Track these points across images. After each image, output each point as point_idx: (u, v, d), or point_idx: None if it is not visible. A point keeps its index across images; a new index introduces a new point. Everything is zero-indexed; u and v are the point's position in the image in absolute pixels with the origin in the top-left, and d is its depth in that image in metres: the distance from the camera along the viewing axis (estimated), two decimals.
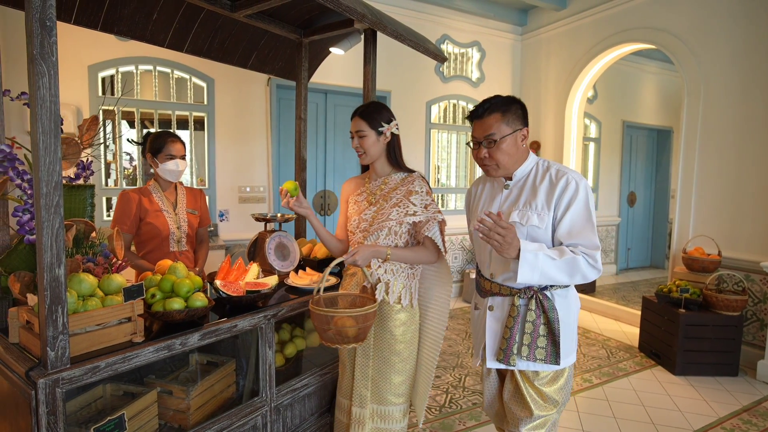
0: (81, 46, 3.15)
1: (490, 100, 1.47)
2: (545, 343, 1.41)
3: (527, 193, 1.47)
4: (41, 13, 1.08)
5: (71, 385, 1.19)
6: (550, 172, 1.45)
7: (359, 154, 1.75)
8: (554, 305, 1.42)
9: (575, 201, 1.38)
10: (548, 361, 1.42)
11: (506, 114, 1.43)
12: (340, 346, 1.50)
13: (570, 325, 1.46)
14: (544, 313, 1.41)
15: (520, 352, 1.43)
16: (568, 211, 1.38)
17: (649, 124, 6.58)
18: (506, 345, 1.43)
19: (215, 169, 3.75)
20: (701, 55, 3.59)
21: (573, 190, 1.38)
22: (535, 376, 1.46)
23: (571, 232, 1.39)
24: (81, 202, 1.62)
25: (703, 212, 3.61)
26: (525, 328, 1.42)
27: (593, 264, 1.36)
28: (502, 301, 1.50)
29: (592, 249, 1.36)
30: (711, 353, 3.16)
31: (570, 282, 1.39)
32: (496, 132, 1.43)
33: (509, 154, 1.45)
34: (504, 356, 1.44)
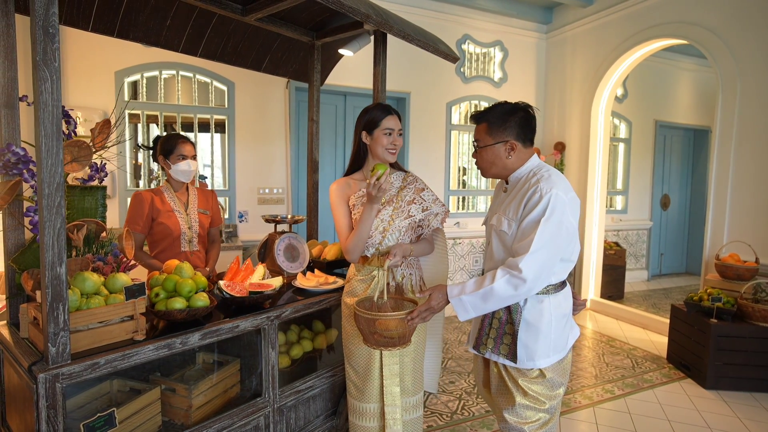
0: (109, 53, 3.28)
1: (490, 109, 1.54)
2: (510, 340, 1.49)
3: (509, 200, 1.52)
4: (44, 21, 1.12)
5: (71, 380, 1.22)
6: (530, 181, 1.47)
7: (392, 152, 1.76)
8: (520, 309, 1.46)
9: (533, 210, 1.38)
10: (509, 357, 1.48)
11: (492, 126, 1.50)
12: (386, 349, 1.53)
13: (540, 330, 1.45)
14: (509, 314, 1.48)
15: (486, 343, 1.52)
16: (524, 218, 1.40)
17: (685, 124, 6.26)
18: (478, 334, 1.55)
19: (235, 171, 3.82)
20: (737, 50, 3.38)
21: (535, 200, 1.38)
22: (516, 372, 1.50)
23: (520, 236, 1.41)
24: (93, 202, 1.68)
25: (739, 216, 3.39)
26: (492, 323, 1.51)
27: (516, 275, 1.33)
28: None
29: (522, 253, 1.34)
30: (746, 367, 2.96)
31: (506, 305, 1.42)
32: (480, 140, 1.53)
33: (490, 162, 1.52)
34: (476, 344, 1.56)
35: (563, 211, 1.36)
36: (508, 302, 1.40)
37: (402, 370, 1.74)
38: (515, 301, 1.41)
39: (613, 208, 5.90)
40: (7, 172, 1.44)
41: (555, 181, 1.40)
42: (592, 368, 3.30)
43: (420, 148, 4.64)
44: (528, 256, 1.32)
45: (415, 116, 4.58)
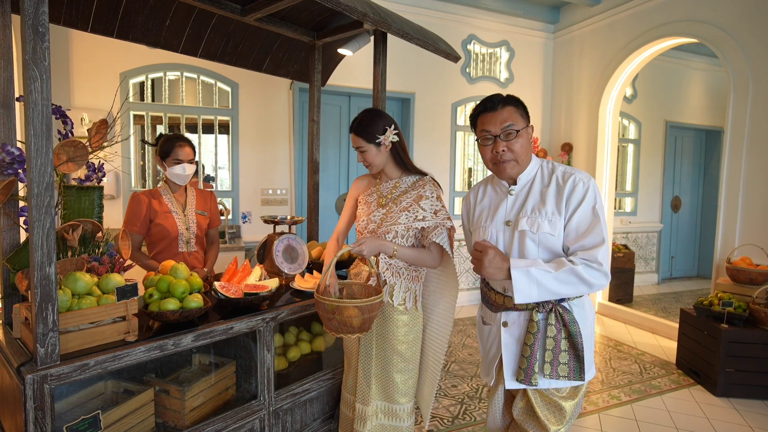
0: (114, 54, 3.31)
1: (499, 95, 1.40)
2: (567, 358, 1.33)
3: (534, 199, 1.38)
4: (34, 19, 1.12)
5: (60, 381, 1.21)
6: (556, 174, 1.38)
7: (366, 166, 1.76)
8: (574, 317, 1.33)
9: (584, 201, 1.32)
10: (572, 377, 1.33)
11: (518, 108, 1.38)
12: (344, 335, 1.51)
13: (588, 337, 1.38)
14: (564, 327, 1.33)
15: (542, 370, 1.34)
16: (576, 212, 1.32)
17: (696, 125, 6.15)
18: (527, 364, 1.34)
19: (239, 172, 3.83)
20: (749, 48, 3.30)
21: (581, 191, 1.32)
22: (553, 392, 1.38)
23: (578, 232, 1.32)
24: (89, 203, 1.68)
25: (751, 219, 3.31)
26: (546, 344, 1.33)
27: (597, 268, 1.26)
28: (518, 316, 1.40)
29: (596, 246, 1.27)
30: (759, 374, 2.87)
31: (575, 293, 1.29)
32: (514, 123, 1.35)
33: (527, 149, 1.39)
34: (525, 376, 1.34)
35: (601, 200, 1.35)
36: (579, 291, 1.28)
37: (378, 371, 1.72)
38: (582, 293, 1.30)
39: (622, 210, 5.80)
40: (1, 171, 1.44)
41: (581, 170, 1.38)
42: (599, 373, 3.23)
43: (424, 149, 4.61)
44: (603, 249, 1.25)
45: (420, 117, 4.55)
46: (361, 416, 1.73)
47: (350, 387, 1.81)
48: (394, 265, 1.71)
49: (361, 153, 1.73)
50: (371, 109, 1.79)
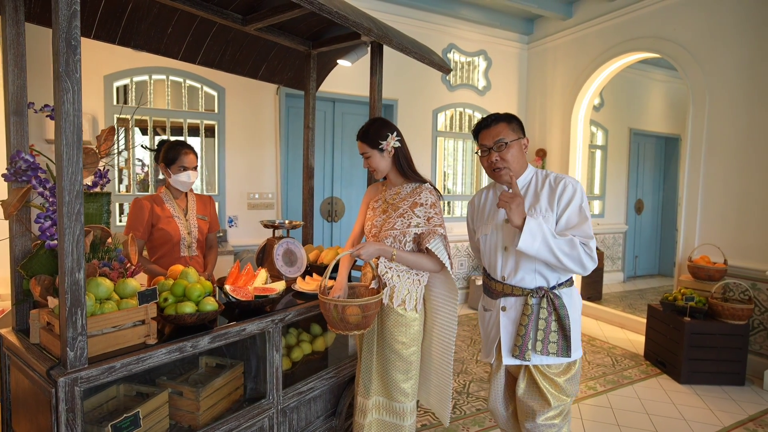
0: (97, 57, 3.26)
1: (494, 115, 1.66)
2: (557, 338, 1.55)
3: (530, 199, 1.61)
4: (67, 33, 1.16)
5: (89, 384, 1.25)
6: (549, 178, 1.62)
7: (371, 171, 1.87)
8: (563, 302, 1.56)
9: (572, 201, 1.54)
10: (560, 353, 1.54)
11: (510, 123, 1.64)
12: (345, 332, 1.64)
13: (576, 321, 1.59)
14: (555, 311, 1.55)
15: (534, 347, 1.56)
16: (566, 209, 1.54)
17: (657, 132, 6.57)
18: (521, 342, 1.56)
19: (225, 176, 3.83)
20: (706, 65, 3.61)
21: (570, 192, 1.55)
22: (548, 369, 1.58)
23: (568, 225, 1.54)
24: (98, 208, 1.69)
25: (709, 220, 3.61)
26: (538, 325, 1.55)
27: (588, 252, 1.48)
28: (515, 301, 1.63)
29: (586, 238, 1.49)
30: (717, 362, 3.15)
31: (566, 262, 1.48)
32: (504, 137, 1.60)
33: (516, 157, 1.61)
34: (519, 352, 1.57)
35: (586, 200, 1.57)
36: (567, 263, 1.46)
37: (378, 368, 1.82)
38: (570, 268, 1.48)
39: (592, 213, 6.12)
40: (17, 179, 1.45)
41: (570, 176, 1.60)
42: None
43: None
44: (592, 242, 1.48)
45: (403, 123, 4.68)
46: (362, 409, 1.83)
47: (358, 380, 1.90)
48: (395, 268, 1.79)
49: (366, 159, 1.84)
50: (377, 118, 1.90)
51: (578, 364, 1.63)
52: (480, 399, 2.88)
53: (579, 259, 1.47)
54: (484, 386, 3.06)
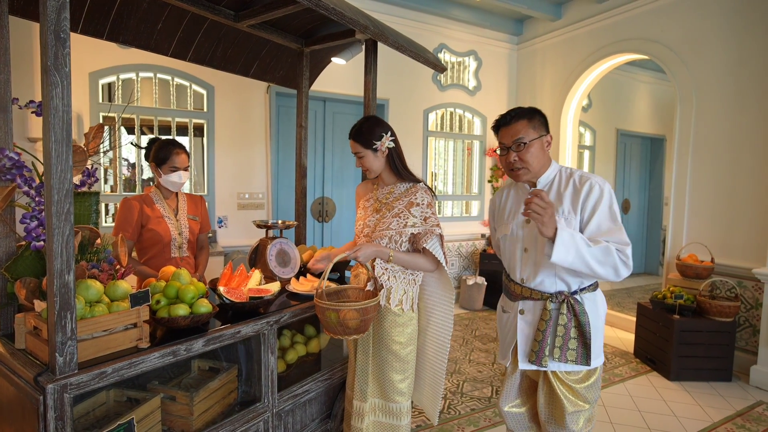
0: (82, 53, 3.18)
1: (515, 110, 1.56)
2: (576, 345, 1.47)
3: (553, 199, 1.51)
4: (56, 26, 1.11)
5: (79, 390, 1.20)
6: (574, 178, 1.51)
7: (364, 171, 1.84)
8: (585, 309, 1.47)
9: (600, 204, 1.43)
10: (579, 362, 1.47)
11: (532, 120, 1.53)
12: (343, 337, 1.59)
13: (599, 328, 1.51)
14: (575, 317, 1.47)
15: (552, 353, 1.49)
16: (594, 213, 1.44)
17: (643, 132, 6.68)
18: (538, 347, 1.49)
19: (214, 176, 3.77)
20: (693, 66, 3.67)
21: (597, 194, 1.44)
22: (567, 376, 1.52)
23: (600, 231, 1.43)
24: (86, 208, 1.64)
25: (697, 220, 3.67)
26: (557, 331, 1.47)
27: (624, 259, 1.39)
28: (534, 305, 1.57)
29: (623, 245, 1.40)
30: (705, 359, 3.20)
31: (600, 271, 1.38)
32: (524, 135, 1.50)
33: (537, 157, 1.52)
34: (536, 358, 1.50)
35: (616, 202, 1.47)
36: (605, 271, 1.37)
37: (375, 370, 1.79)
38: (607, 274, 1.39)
39: None
40: (0, 177, 1.39)
41: (597, 176, 1.50)
42: None
43: None
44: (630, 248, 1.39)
45: (394, 122, 4.66)
46: (359, 412, 1.80)
47: (351, 383, 1.87)
48: (390, 269, 1.77)
49: (359, 158, 1.80)
50: (370, 116, 1.86)
51: (599, 371, 1.55)
52: (474, 399, 2.88)
53: (614, 267, 1.38)
54: (478, 386, 3.06)
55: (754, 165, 3.32)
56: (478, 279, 4.80)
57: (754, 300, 3.33)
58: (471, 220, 5.36)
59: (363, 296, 1.77)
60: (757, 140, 3.30)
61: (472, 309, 4.86)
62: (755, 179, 3.32)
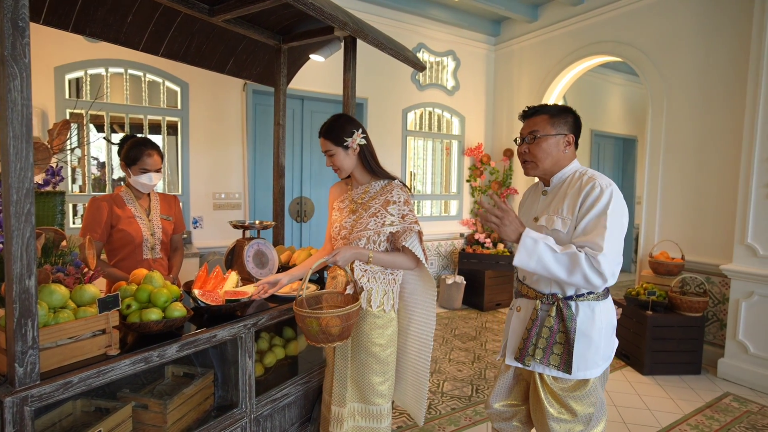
0: (47, 46, 3.03)
1: (544, 105, 1.55)
2: (561, 350, 1.42)
3: (557, 199, 1.50)
4: (13, 13, 1.04)
5: (41, 402, 1.13)
6: (582, 178, 1.46)
7: (334, 170, 1.79)
8: (574, 316, 1.42)
9: (596, 205, 1.38)
10: (561, 368, 1.42)
11: (554, 117, 1.50)
12: (325, 345, 1.55)
13: (592, 338, 1.43)
14: (562, 322, 1.42)
15: (534, 354, 1.45)
16: (587, 214, 1.39)
17: (615, 133, 6.85)
18: (523, 345, 1.48)
19: (189, 175, 3.66)
20: (664, 69, 3.78)
21: (596, 195, 1.39)
22: (554, 382, 1.48)
23: (584, 232, 1.38)
24: (50, 209, 1.56)
25: (668, 218, 3.78)
26: (542, 332, 1.45)
27: (596, 267, 1.31)
28: (528, 303, 1.56)
29: (595, 250, 1.32)
30: (676, 353, 3.30)
31: (568, 279, 1.35)
32: (539, 129, 1.49)
33: (548, 153, 1.49)
34: (520, 355, 1.49)
35: (623, 207, 1.38)
36: (572, 280, 1.33)
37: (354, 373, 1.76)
38: (577, 284, 1.34)
39: None
40: None
41: (608, 179, 1.44)
42: None
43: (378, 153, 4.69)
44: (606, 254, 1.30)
45: (373, 122, 4.64)
46: (337, 418, 1.76)
47: (328, 388, 1.83)
48: (370, 271, 1.74)
49: (329, 157, 1.76)
50: (340, 114, 1.80)
51: (591, 384, 1.45)
52: (455, 398, 2.88)
53: (583, 276, 1.31)
54: (458, 385, 3.07)
55: (721, 165, 3.44)
56: (457, 278, 4.82)
57: (722, 295, 3.45)
58: (450, 219, 5.38)
59: (343, 301, 1.74)
60: (723, 141, 3.42)
61: (451, 308, 4.88)
62: (722, 179, 3.44)
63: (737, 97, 3.32)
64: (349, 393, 1.76)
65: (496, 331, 4.21)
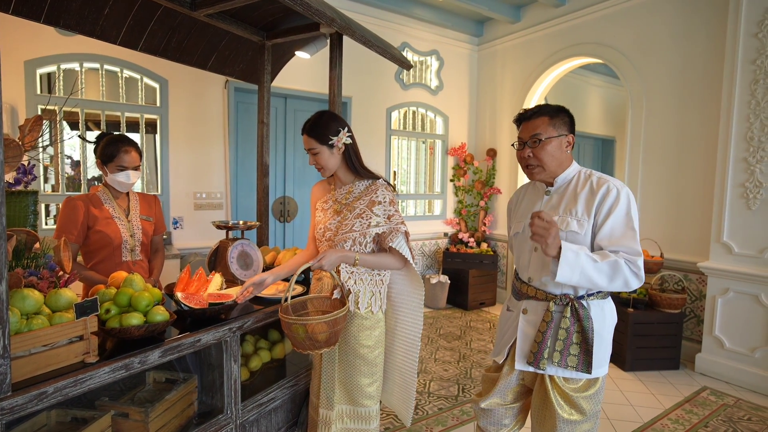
0: (17, 39, 2.90)
1: (540, 106, 1.52)
2: (578, 350, 1.41)
3: (567, 200, 1.48)
4: None
5: (13, 415, 1.07)
6: (592, 179, 1.46)
7: (318, 169, 1.74)
8: (590, 314, 1.42)
9: (616, 208, 1.38)
10: (580, 369, 1.41)
11: (554, 118, 1.48)
12: (313, 351, 1.51)
13: (604, 337, 1.45)
14: (578, 322, 1.41)
15: (551, 357, 1.43)
16: (608, 217, 1.38)
17: (595, 134, 6.99)
18: (537, 349, 1.44)
19: (168, 175, 3.56)
20: (643, 71, 3.86)
21: (614, 198, 1.39)
22: (565, 383, 1.46)
23: (612, 237, 1.38)
24: (22, 209, 1.48)
25: (648, 217, 3.86)
26: (558, 334, 1.42)
27: (635, 271, 1.34)
28: (537, 305, 1.51)
29: (633, 255, 1.35)
30: (656, 349, 3.37)
31: (609, 287, 1.36)
32: (542, 132, 1.46)
33: (553, 155, 1.47)
34: (534, 359, 1.44)
35: (635, 207, 1.41)
36: (614, 285, 1.34)
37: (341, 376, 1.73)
38: (616, 288, 1.35)
39: None
40: None
41: (619, 180, 1.44)
42: None
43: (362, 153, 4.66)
44: (642, 257, 1.34)
45: (357, 120, 4.61)
46: (325, 421, 1.73)
47: (316, 390, 1.80)
48: (356, 273, 1.71)
49: (313, 155, 1.70)
50: (325, 111, 1.75)
51: (601, 381, 1.47)
52: (441, 398, 2.88)
53: (624, 281, 1.33)
54: (444, 385, 3.06)
55: (698, 165, 3.53)
56: (441, 278, 4.83)
57: (698, 292, 3.54)
58: (434, 219, 5.39)
59: (329, 305, 1.70)
60: (700, 141, 3.52)
61: (435, 307, 4.89)
62: (699, 179, 3.53)
63: (713, 99, 3.41)
64: (337, 395, 1.73)
65: (481, 330, 4.24)
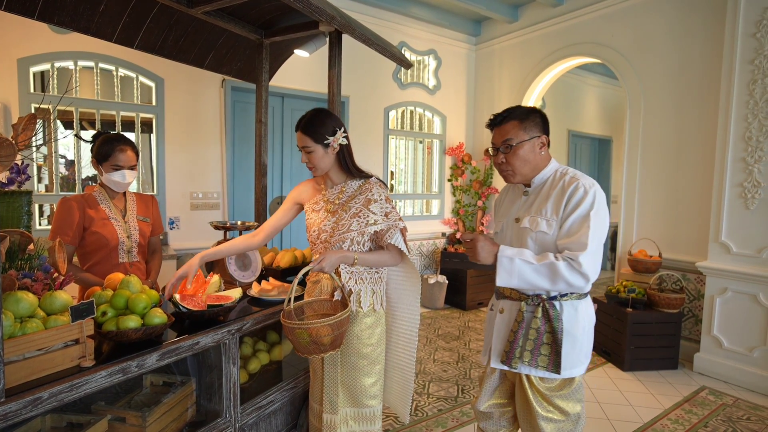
0: (10, 36, 2.86)
1: (510, 109, 1.51)
2: (548, 351, 1.43)
3: (540, 200, 1.49)
4: None
5: (6, 421, 1.04)
6: (565, 179, 1.47)
7: (309, 168, 1.71)
8: (560, 315, 1.43)
9: (580, 206, 1.39)
10: (550, 369, 1.43)
11: (524, 122, 1.47)
12: (317, 356, 1.49)
13: (577, 337, 1.45)
14: (549, 322, 1.42)
15: (522, 356, 1.45)
16: (571, 215, 1.40)
17: (591, 134, 7.00)
18: (509, 348, 1.47)
19: (165, 174, 3.53)
20: (641, 71, 3.86)
21: (580, 196, 1.40)
22: (540, 382, 1.48)
23: (568, 235, 1.39)
24: (16, 210, 1.45)
25: (646, 216, 3.86)
26: (529, 334, 1.45)
27: (576, 267, 1.33)
28: (511, 305, 1.54)
29: (577, 250, 1.34)
30: (655, 349, 3.37)
31: (553, 288, 1.38)
32: (513, 137, 1.46)
33: (526, 160, 1.48)
34: (507, 358, 1.48)
35: (605, 207, 1.40)
36: (557, 288, 1.36)
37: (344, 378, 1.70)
38: (562, 290, 1.37)
39: None
40: None
41: (590, 178, 1.44)
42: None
43: (359, 152, 4.63)
44: (588, 254, 1.32)
45: (355, 120, 4.59)
46: (330, 425, 1.70)
47: (317, 396, 1.76)
48: (356, 272, 1.69)
49: (306, 153, 1.66)
50: (321, 108, 1.71)
51: (577, 382, 1.49)
52: (441, 399, 2.86)
53: (565, 281, 1.34)
54: (444, 386, 3.05)
55: (696, 165, 3.54)
56: (439, 278, 4.82)
57: (697, 291, 3.55)
58: (431, 218, 5.38)
59: (330, 307, 1.68)
60: (698, 141, 3.52)
61: (434, 308, 4.87)
62: (697, 178, 3.53)
63: (711, 98, 3.41)
64: (341, 398, 1.70)
65: (479, 330, 4.22)
